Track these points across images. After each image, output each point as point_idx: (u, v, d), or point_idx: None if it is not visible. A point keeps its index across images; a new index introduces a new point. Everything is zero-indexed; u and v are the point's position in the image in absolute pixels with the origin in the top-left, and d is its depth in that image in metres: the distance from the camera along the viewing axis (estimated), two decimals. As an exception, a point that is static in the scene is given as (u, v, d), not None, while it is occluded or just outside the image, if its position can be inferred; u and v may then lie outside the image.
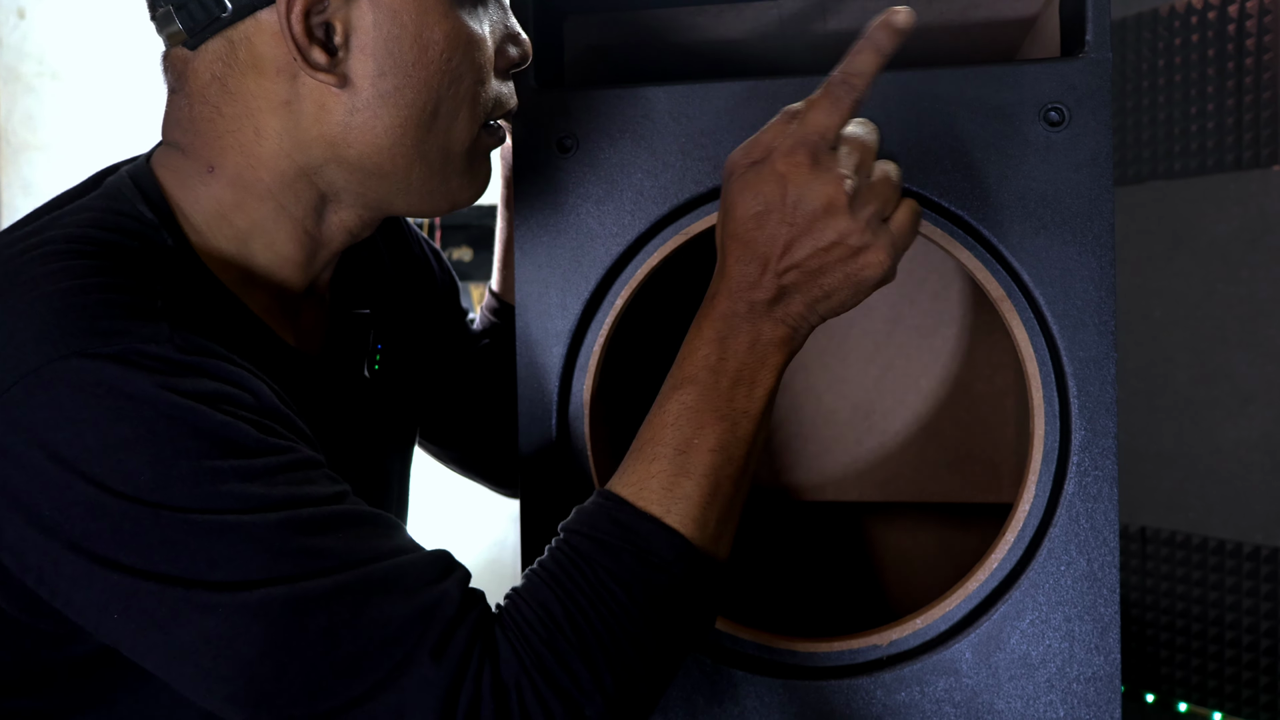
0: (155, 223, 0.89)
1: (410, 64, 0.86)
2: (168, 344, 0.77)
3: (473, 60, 0.89)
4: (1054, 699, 0.95)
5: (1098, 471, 0.95)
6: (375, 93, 0.87)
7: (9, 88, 2.38)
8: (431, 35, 0.86)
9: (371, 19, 0.85)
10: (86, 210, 0.88)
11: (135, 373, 0.75)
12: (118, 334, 0.76)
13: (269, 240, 0.92)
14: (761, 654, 1.00)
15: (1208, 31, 1.79)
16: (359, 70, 0.86)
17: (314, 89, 0.86)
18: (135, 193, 0.90)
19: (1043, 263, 0.95)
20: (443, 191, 0.94)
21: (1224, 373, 1.79)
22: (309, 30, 0.83)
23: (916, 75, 0.97)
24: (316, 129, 0.88)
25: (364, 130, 0.87)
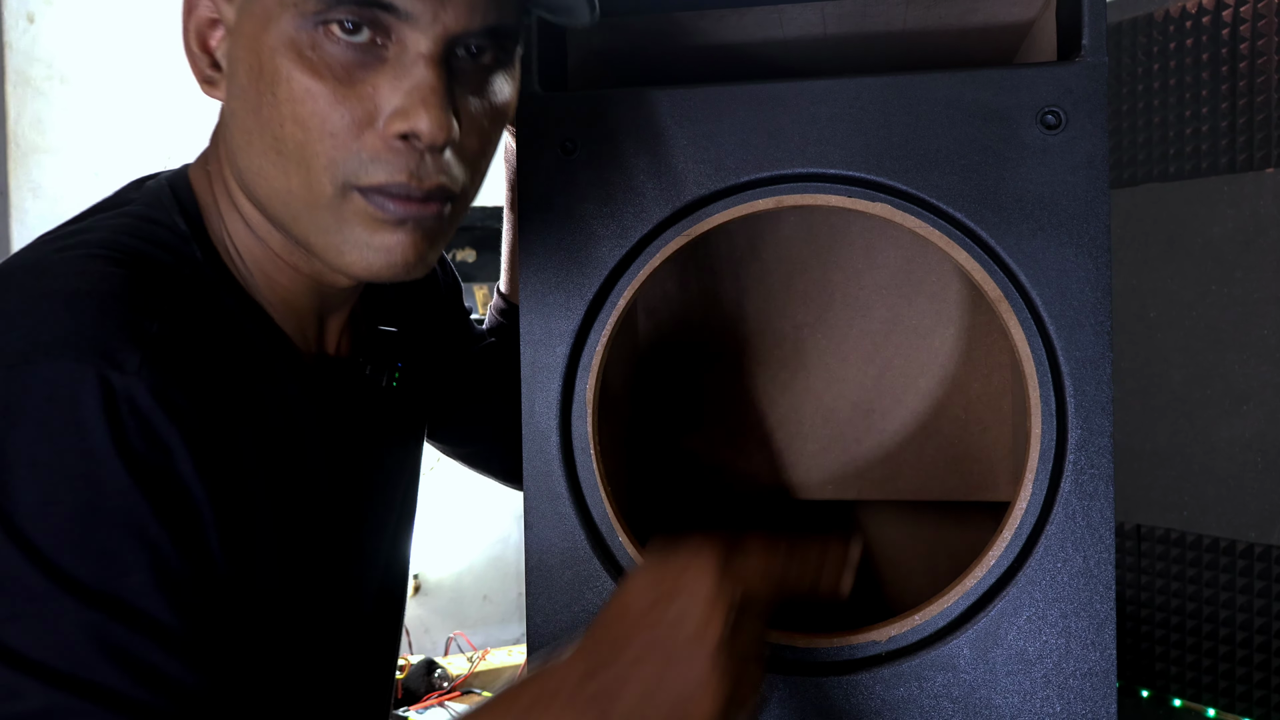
0: (187, 234, 0.90)
1: (249, 92, 0.85)
2: (134, 378, 0.76)
3: (317, 116, 0.83)
4: (1050, 694, 0.95)
5: (1093, 470, 0.95)
6: (231, 110, 0.88)
7: (18, 91, 2.38)
8: (267, 67, 0.83)
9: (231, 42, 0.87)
10: (125, 216, 0.90)
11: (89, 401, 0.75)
12: (97, 352, 0.76)
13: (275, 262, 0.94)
14: (762, 650, 1.00)
15: (1202, 36, 1.79)
16: (225, 88, 0.88)
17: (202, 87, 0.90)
18: (173, 203, 0.92)
19: (1039, 264, 0.95)
20: (322, 243, 0.88)
21: (1218, 373, 1.79)
22: (202, 41, 0.89)
23: (915, 78, 0.98)
24: (226, 140, 0.90)
25: (240, 148, 0.88)
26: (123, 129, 2.37)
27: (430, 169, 0.84)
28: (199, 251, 0.90)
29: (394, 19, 0.81)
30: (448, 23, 0.82)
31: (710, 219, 1.01)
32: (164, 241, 0.89)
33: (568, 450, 1.03)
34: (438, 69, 0.82)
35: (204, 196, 0.94)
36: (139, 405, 0.76)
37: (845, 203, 0.99)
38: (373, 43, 0.82)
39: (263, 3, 0.82)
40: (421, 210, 0.86)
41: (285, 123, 0.83)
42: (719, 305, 1.40)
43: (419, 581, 2.44)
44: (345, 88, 0.82)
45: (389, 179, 0.84)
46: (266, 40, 0.82)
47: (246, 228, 0.93)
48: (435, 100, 0.82)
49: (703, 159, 1.01)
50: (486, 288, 2.80)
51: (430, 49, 0.82)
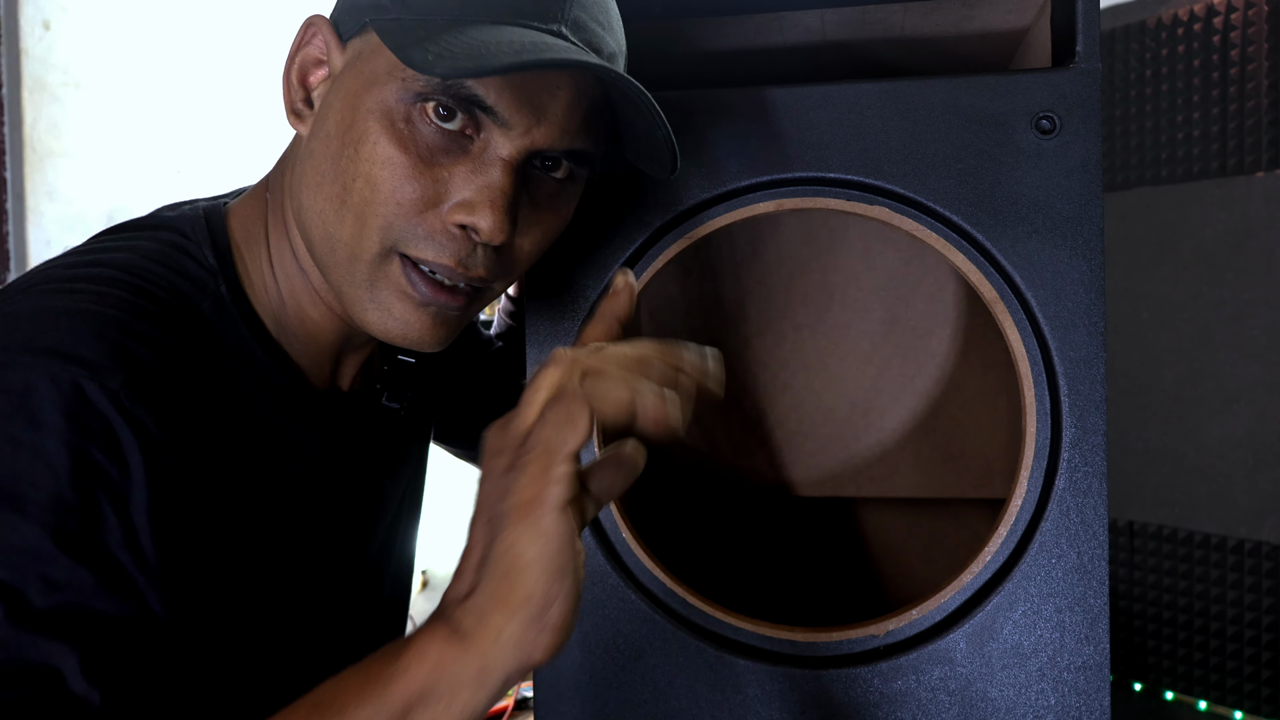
0: (215, 269, 0.91)
1: (332, 137, 0.86)
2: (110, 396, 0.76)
3: (390, 182, 0.83)
4: (1045, 687, 0.95)
5: (1087, 468, 0.95)
6: (310, 149, 0.88)
7: (35, 97, 2.38)
8: (357, 125, 0.84)
9: (330, 87, 0.88)
10: (157, 242, 0.91)
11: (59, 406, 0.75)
12: (81, 364, 0.76)
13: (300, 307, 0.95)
14: (762, 644, 1.00)
15: (1193, 43, 1.79)
16: (311, 125, 0.89)
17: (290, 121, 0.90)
18: (205, 236, 0.93)
19: (1034, 266, 0.95)
20: (350, 295, 0.89)
21: (1209, 372, 1.79)
22: (304, 78, 0.89)
23: (913, 84, 0.98)
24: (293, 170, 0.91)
25: (302, 180, 0.89)
26: (136, 133, 2.37)
27: (478, 260, 0.86)
28: (224, 286, 0.91)
29: (489, 119, 0.83)
30: (536, 138, 0.84)
31: (712, 222, 1.01)
32: (190, 273, 0.90)
33: (572, 448, 1.03)
34: (513, 175, 0.84)
35: (248, 227, 0.95)
36: (108, 419, 0.76)
37: (844, 206, 0.99)
38: (462, 132, 0.83)
39: (373, 64, 0.84)
40: (449, 300, 0.87)
41: (358, 179, 0.84)
42: (721, 306, 1.40)
43: (426, 577, 2.44)
44: (424, 166, 0.83)
45: (436, 259, 0.85)
46: (366, 100, 0.83)
47: (294, 258, 0.94)
48: (502, 203, 0.83)
49: (704, 163, 1.01)
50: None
51: (512, 155, 0.84)
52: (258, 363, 0.92)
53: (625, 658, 1.01)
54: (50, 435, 0.74)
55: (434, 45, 0.78)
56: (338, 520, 1.01)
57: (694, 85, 1.02)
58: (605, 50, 0.86)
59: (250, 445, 0.90)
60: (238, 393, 0.89)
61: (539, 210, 0.89)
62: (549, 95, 0.83)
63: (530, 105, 0.83)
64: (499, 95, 0.81)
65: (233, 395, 0.89)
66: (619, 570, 1.02)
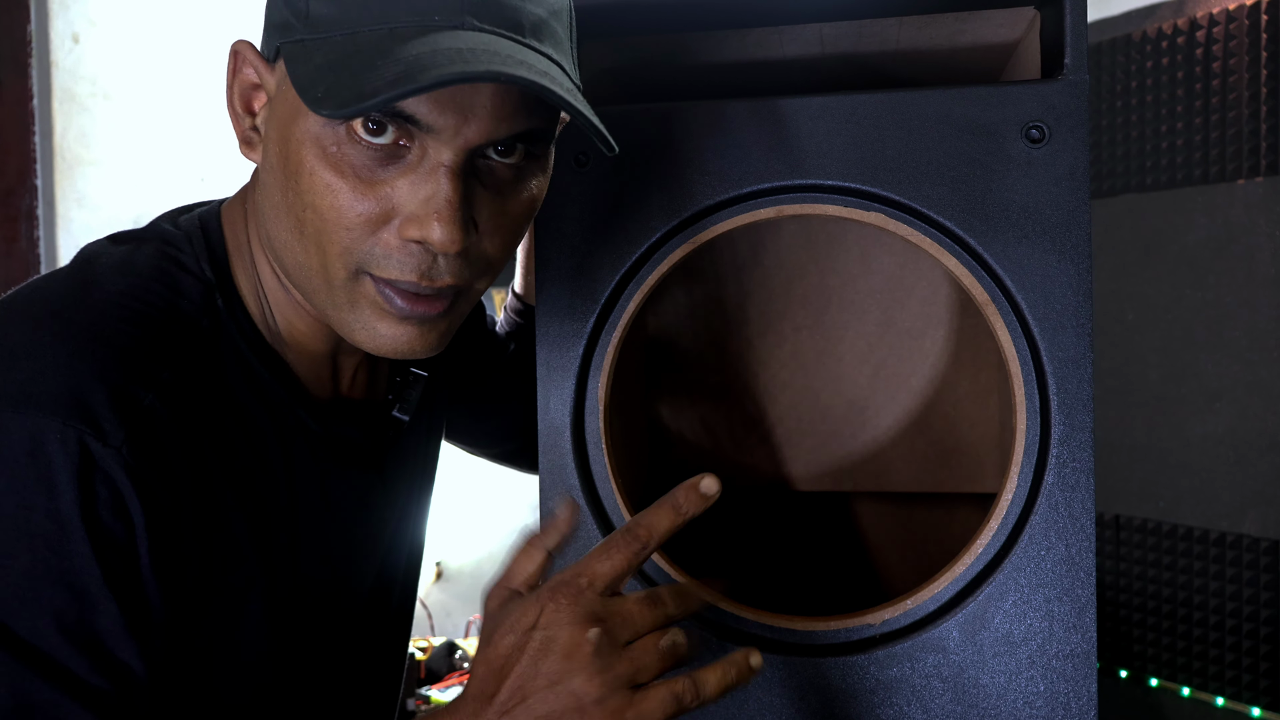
0: (213, 283, 0.88)
1: (277, 169, 0.83)
2: (115, 453, 0.76)
3: (335, 209, 0.79)
4: (1034, 674, 0.95)
5: (1075, 463, 0.95)
6: (264, 180, 0.86)
7: (64, 107, 2.39)
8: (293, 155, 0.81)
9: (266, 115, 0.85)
10: (155, 259, 0.88)
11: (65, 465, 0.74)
12: (84, 418, 0.75)
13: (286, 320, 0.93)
14: (763, 633, 1.00)
15: (1177, 55, 1.79)
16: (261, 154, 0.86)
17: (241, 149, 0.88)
18: (204, 248, 0.90)
19: (1024, 270, 0.95)
20: (335, 318, 0.86)
21: (1192, 372, 1.79)
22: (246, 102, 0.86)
23: (908, 95, 0.98)
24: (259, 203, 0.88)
25: (263, 209, 0.87)
26: (163, 142, 2.38)
27: (442, 269, 0.81)
28: (221, 300, 0.88)
29: (416, 128, 0.77)
30: (470, 136, 0.78)
31: (714, 227, 1.01)
32: (188, 291, 0.87)
33: (580, 446, 1.03)
34: (456, 180, 0.78)
35: (237, 236, 0.92)
36: (114, 479, 0.75)
37: (842, 212, 0.99)
38: (396, 144, 0.78)
39: (294, 91, 0.77)
40: (427, 308, 0.83)
41: (307, 209, 0.80)
42: (723, 308, 1.40)
43: (441, 568, 2.44)
44: (365, 185, 0.78)
45: (400, 275, 0.80)
46: (294, 131, 0.79)
47: (274, 274, 0.91)
48: (449, 213, 0.78)
49: (707, 170, 1.01)
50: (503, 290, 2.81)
51: (452, 160, 0.78)
52: (256, 377, 0.89)
53: (631, 645, 1.01)
54: (63, 500, 0.74)
55: (328, 76, 0.73)
56: (340, 531, 0.97)
57: (697, 96, 1.02)
58: (527, 20, 0.79)
59: (247, 464, 0.87)
60: (238, 414, 0.87)
61: (503, 199, 0.83)
62: (471, 91, 0.77)
63: (453, 106, 0.76)
64: (417, 104, 0.76)
65: (231, 416, 0.86)
66: (625, 561, 1.02)
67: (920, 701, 0.97)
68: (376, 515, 1.03)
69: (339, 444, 0.96)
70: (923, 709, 0.97)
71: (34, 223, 2.35)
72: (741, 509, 1.45)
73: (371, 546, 1.03)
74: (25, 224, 2.34)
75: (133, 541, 0.77)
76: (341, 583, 0.99)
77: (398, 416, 1.02)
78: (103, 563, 0.75)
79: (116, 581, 0.76)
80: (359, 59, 0.73)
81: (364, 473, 0.99)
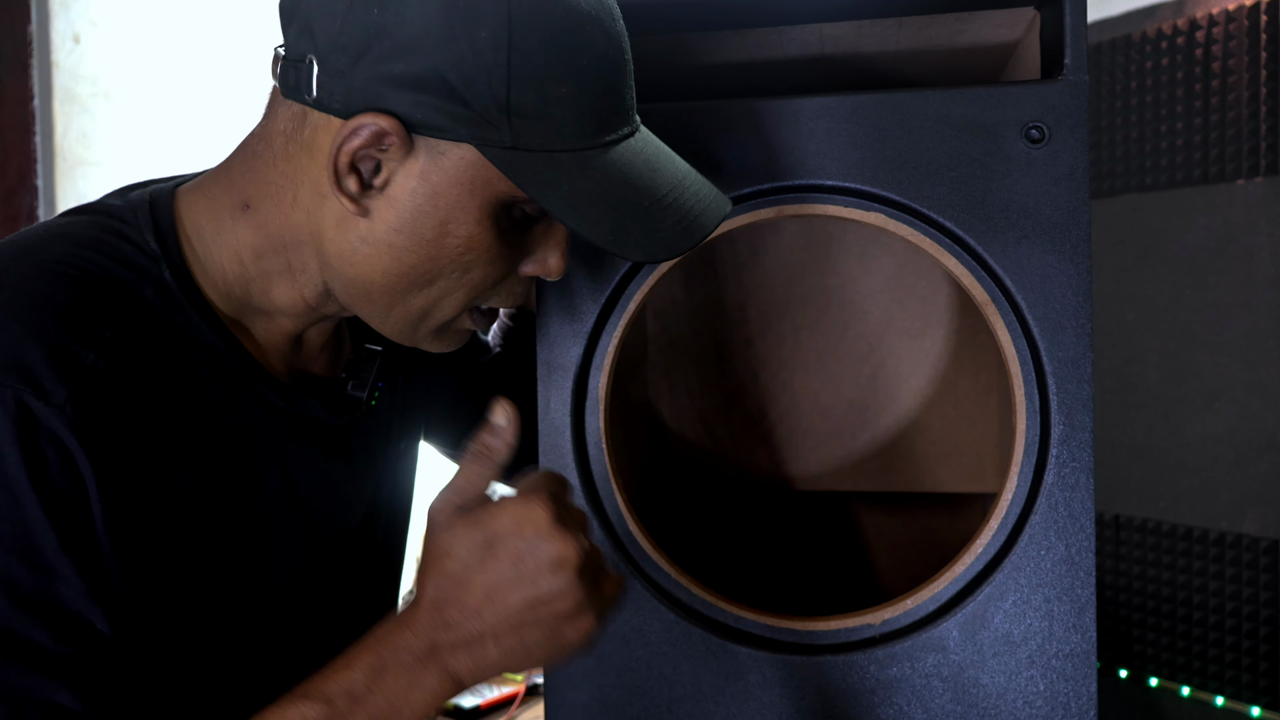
0: (158, 254, 0.87)
1: (426, 239, 0.84)
2: (58, 411, 0.74)
3: (485, 266, 0.86)
4: (1034, 674, 0.95)
5: (1075, 463, 0.95)
6: (386, 240, 0.84)
7: (65, 107, 2.39)
8: (456, 230, 0.84)
9: (413, 185, 0.82)
10: (94, 229, 0.87)
11: (6, 423, 0.73)
12: (25, 376, 0.74)
13: (269, 290, 0.91)
14: (763, 632, 1.00)
15: (1177, 55, 1.79)
16: (381, 214, 0.84)
17: (344, 201, 0.84)
18: (149, 220, 0.88)
19: (1024, 270, 0.95)
20: (409, 337, 0.92)
21: (1191, 372, 1.79)
22: (353, 160, 0.81)
23: (908, 96, 0.98)
24: (333, 234, 0.86)
25: (366, 260, 0.86)
26: (163, 143, 2.38)
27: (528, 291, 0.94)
28: (168, 272, 0.86)
29: None
30: None
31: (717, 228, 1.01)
32: (129, 259, 0.85)
33: (581, 445, 1.03)
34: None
35: (210, 212, 0.90)
36: (60, 439, 0.74)
37: (841, 212, 0.99)
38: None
39: (472, 173, 0.82)
40: (488, 323, 0.95)
41: (455, 269, 0.86)
42: (723, 308, 1.40)
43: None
44: (514, 245, 0.88)
45: (506, 304, 0.92)
46: (468, 203, 0.83)
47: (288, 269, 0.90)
48: (567, 247, 0.90)
49: (708, 170, 1.01)
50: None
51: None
52: (209, 347, 0.87)
53: (631, 645, 1.01)
54: (7, 463, 0.73)
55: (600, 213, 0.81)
56: (302, 512, 0.96)
57: (698, 96, 1.02)
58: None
59: (201, 433, 0.86)
60: (188, 380, 0.85)
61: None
62: None
63: None
64: None
65: (182, 383, 0.85)
66: (626, 562, 1.02)
67: (920, 701, 0.97)
68: (341, 501, 1.01)
69: (300, 420, 0.95)
70: (922, 709, 0.97)
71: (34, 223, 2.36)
72: (741, 509, 1.45)
73: (335, 532, 1.01)
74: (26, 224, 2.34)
75: (86, 503, 0.75)
76: (303, 565, 0.97)
77: (352, 394, 1.00)
78: (57, 526, 0.74)
79: (73, 545, 0.75)
80: (621, 199, 0.82)
81: (328, 455, 0.98)
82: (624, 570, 1.00)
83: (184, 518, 0.84)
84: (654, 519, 1.32)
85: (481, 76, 0.78)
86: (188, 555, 0.85)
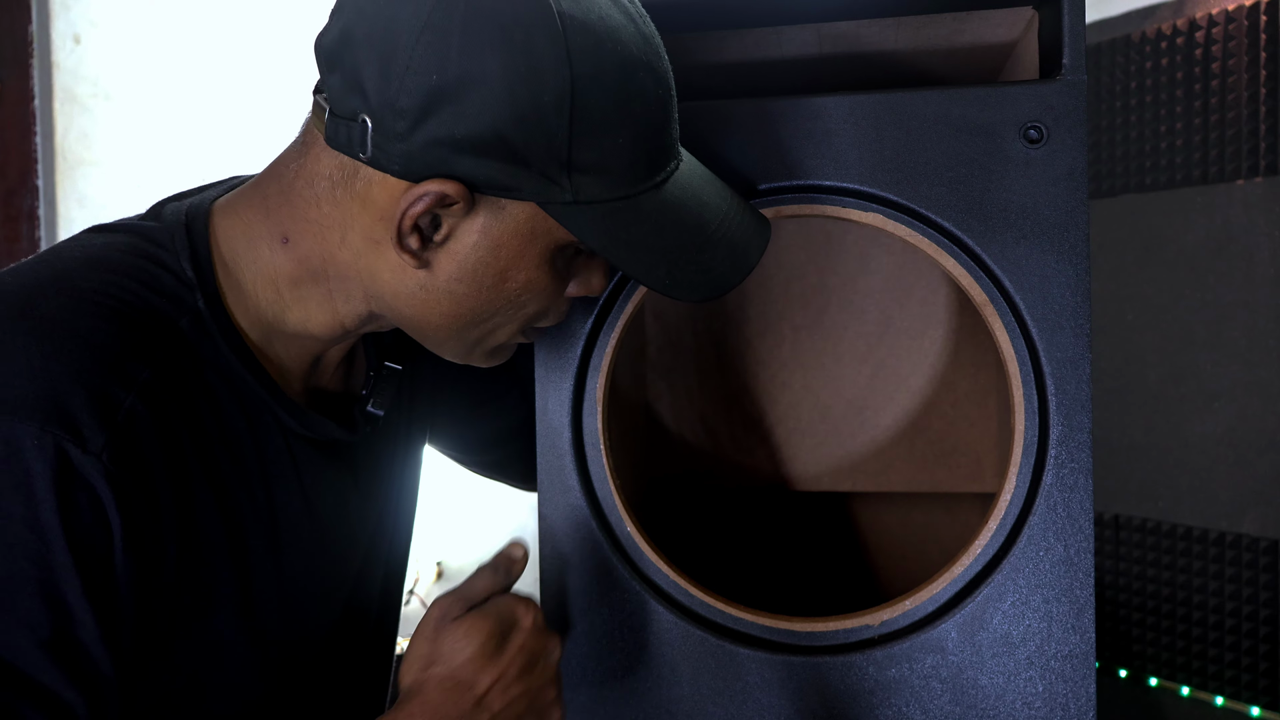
0: (193, 282, 0.86)
1: (485, 286, 0.86)
2: (94, 460, 0.75)
3: (539, 301, 0.89)
4: (1033, 675, 0.95)
5: (1074, 464, 0.94)
6: (446, 288, 0.86)
7: (66, 108, 2.39)
8: (516, 275, 0.86)
9: (474, 240, 0.83)
10: (131, 255, 0.86)
11: (43, 472, 0.73)
12: (63, 423, 0.74)
13: (306, 315, 0.90)
14: (763, 633, 1.00)
15: (1176, 56, 1.79)
16: (442, 265, 0.85)
17: (405, 258, 0.84)
18: (185, 245, 0.88)
19: (1023, 270, 0.95)
20: (463, 358, 0.94)
21: (1191, 372, 1.79)
22: (416, 220, 0.82)
23: (906, 96, 0.97)
24: (388, 279, 0.86)
25: (424, 305, 0.87)
26: (163, 143, 2.38)
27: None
28: (202, 300, 0.86)
29: None
30: None
31: (713, 228, 1.01)
32: (166, 289, 0.85)
33: (579, 445, 1.03)
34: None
35: (245, 235, 0.89)
36: (94, 487, 0.75)
37: (840, 213, 0.99)
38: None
39: (533, 224, 0.83)
40: (539, 336, 1.00)
41: (510, 305, 0.88)
42: (723, 309, 1.40)
43: (441, 568, 2.44)
44: (565, 277, 0.90)
45: (553, 324, 0.95)
46: (528, 253, 0.85)
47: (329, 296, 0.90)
48: (609, 268, 0.93)
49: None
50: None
51: None
52: (233, 374, 0.87)
53: (631, 647, 1.01)
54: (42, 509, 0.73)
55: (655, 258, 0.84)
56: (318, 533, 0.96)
57: (696, 96, 1.02)
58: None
59: (223, 465, 0.86)
60: (213, 411, 0.86)
61: None
62: None
63: None
64: None
65: (208, 415, 0.85)
66: (625, 563, 1.01)
67: (919, 702, 0.97)
68: (354, 516, 1.01)
69: (316, 442, 0.95)
70: (921, 709, 0.97)
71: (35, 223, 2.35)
72: (741, 509, 1.45)
73: (349, 550, 1.01)
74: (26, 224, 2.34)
75: (110, 549, 0.76)
76: (321, 588, 0.97)
77: (372, 412, 1.00)
78: (82, 572, 0.75)
79: (95, 590, 0.75)
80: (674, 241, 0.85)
81: (339, 473, 0.98)
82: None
83: (205, 552, 0.85)
84: (653, 520, 1.31)
85: (544, 138, 0.78)
86: (207, 587, 0.85)
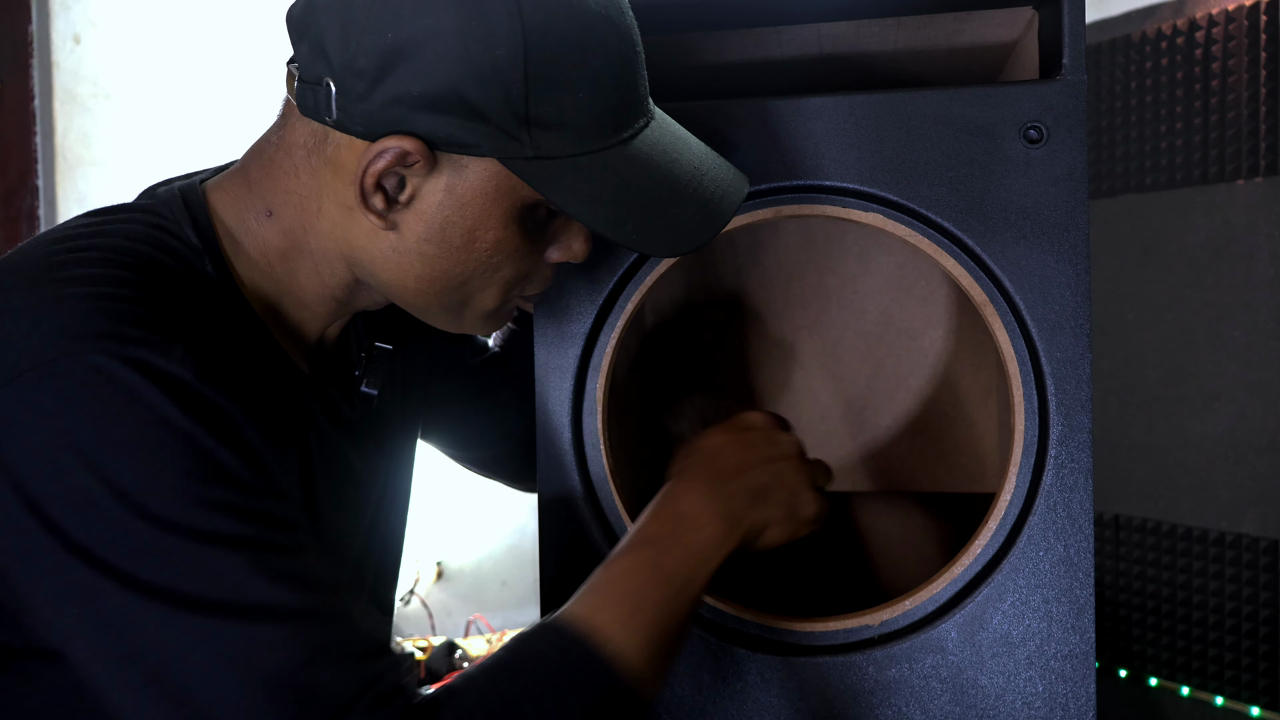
0: (199, 248, 0.87)
1: (454, 246, 0.86)
2: (180, 364, 0.75)
3: (514, 263, 0.89)
4: (1033, 675, 0.95)
5: (1074, 464, 0.94)
6: (417, 249, 0.86)
7: (66, 108, 2.39)
8: (484, 235, 0.85)
9: (439, 199, 0.83)
10: (136, 224, 0.87)
11: (145, 381, 0.73)
12: (138, 342, 0.75)
13: (298, 290, 0.92)
14: (762, 633, 1.00)
15: (1176, 57, 1.79)
16: (410, 226, 0.85)
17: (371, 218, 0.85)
18: (185, 215, 0.89)
19: (1023, 270, 0.95)
20: (455, 326, 0.95)
21: (1191, 372, 1.79)
22: (379, 180, 0.82)
23: (906, 96, 0.97)
24: (364, 244, 0.87)
25: (398, 267, 0.87)
26: (164, 142, 2.38)
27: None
28: (210, 265, 0.88)
29: None
30: None
31: (713, 228, 1.01)
32: (177, 252, 0.86)
33: (579, 446, 1.03)
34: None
35: (226, 218, 0.90)
36: (191, 386, 0.75)
37: (840, 213, 0.99)
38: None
39: (496, 182, 0.83)
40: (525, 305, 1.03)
41: (485, 268, 0.88)
42: (722, 309, 1.40)
43: (441, 568, 2.44)
44: (539, 239, 0.90)
45: (538, 290, 0.95)
46: (493, 211, 0.84)
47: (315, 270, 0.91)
48: (589, 232, 0.92)
49: (706, 172, 1.00)
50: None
51: None
52: (244, 339, 0.88)
53: (630, 646, 1.01)
54: (168, 410, 0.74)
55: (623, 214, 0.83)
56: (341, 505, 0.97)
57: (697, 96, 1.02)
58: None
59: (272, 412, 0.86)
60: (249, 363, 0.86)
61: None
62: None
63: None
64: None
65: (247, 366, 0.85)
66: (624, 562, 1.01)
67: (919, 702, 0.97)
68: (364, 493, 1.02)
69: (330, 415, 0.95)
70: (921, 710, 0.97)
71: (35, 223, 2.35)
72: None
73: (360, 521, 1.02)
74: (26, 224, 2.34)
75: (241, 433, 0.77)
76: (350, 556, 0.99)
77: (366, 391, 1.01)
78: (228, 446, 0.75)
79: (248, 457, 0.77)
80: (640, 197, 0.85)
81: (353, 448, 0.98)
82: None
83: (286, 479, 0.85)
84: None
85: (500, 92, 0.79)
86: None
